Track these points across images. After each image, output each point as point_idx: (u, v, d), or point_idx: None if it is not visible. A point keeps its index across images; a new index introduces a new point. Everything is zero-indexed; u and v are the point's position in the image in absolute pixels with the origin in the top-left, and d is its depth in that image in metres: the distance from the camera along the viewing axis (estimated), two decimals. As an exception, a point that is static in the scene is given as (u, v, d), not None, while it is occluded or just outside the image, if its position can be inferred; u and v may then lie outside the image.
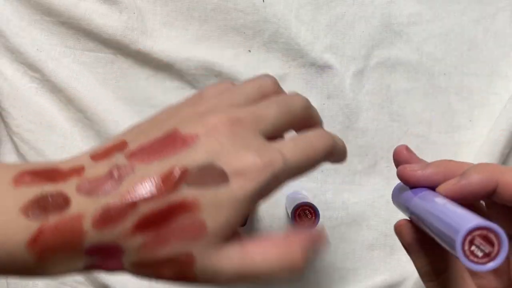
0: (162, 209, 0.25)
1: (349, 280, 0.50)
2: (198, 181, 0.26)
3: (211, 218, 0.25)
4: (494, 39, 0.50)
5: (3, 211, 0.24)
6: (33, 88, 0.50)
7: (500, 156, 0.48)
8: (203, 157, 0.26)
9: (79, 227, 0.24)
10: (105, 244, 0.25)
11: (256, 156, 0.26)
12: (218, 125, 0.27)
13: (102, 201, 0.25)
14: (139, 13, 0.49)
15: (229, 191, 0.26)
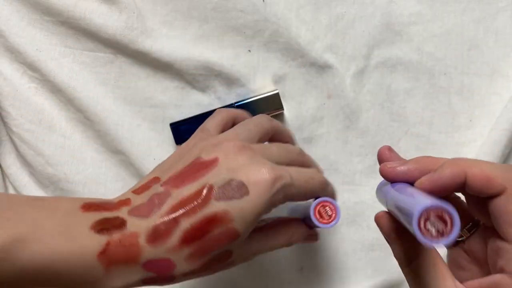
0: (199, 222, 0.31)
1: (350, 280, 0.50)
2: (224, 195, 0.32)
3: (240, 225, 0.32)
4: (494, 39, 0.49)
5: (78, 229, 0.30)
6: (33, 88, 0.50)
7: (501, 156, 0.47)
8: (225, 174, 0.33)
9: (136, 243, 0.30)
10: (159, 259, 0.31)
11: (269, 170, 0.33)
12: (234, 149, 0.34)
13: (151, 221, 0.31)
14: (139, 12, 0.49)
15: (250, 200, 0.32)
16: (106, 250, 0.30)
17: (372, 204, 0.51)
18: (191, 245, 0.31)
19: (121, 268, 0.30)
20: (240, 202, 0.32)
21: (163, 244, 0.31)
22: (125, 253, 0.30)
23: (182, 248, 0.31)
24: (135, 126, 0.50)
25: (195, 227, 0.31)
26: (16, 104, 0.49)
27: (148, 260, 0.31)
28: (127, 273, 0.31)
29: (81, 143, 0.50)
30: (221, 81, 0.50)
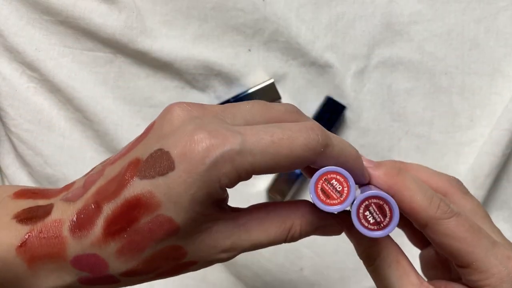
0: (119, 207, 0.25)
1: (350, 280, 0.50)
2: (149, 171, 0.24)
3: (174, 212, 0.24)
4: (495, 39, 0.49)
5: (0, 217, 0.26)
6: (32, 88, 0.50)
7: (501, 156, 0.47)
8: (154, 143, 0.25)
9: (59, 234, 0.25)
10: (86, 255, 0.25)
11: (204, 134, 0.24)
12: (175, 109, 0.26)
13: (76, 206, 0.26)
14: (138, 12, 0.49)
15: (178, 177, 0.24)
16: (26, 242, 0.25)
17: (372, 204, 0.50)
18: (116, 237, 0.25)
19: (47, 265, 0.26)
20: (165, 180, 0.24)
21: (86, 235, 0.25)
22: (47, 246, 0.25)
23: (108, 242, 0.25)
24: (135, 126, 0.50)
25: (117, 214, 0.25)
26: (15, 104, 0.49)
27: (75, 255, 0.25)
28: (56, 272, 0.26)
29: (80, 143, 0.50)
30: (221, 80, 0.50)
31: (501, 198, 0.50)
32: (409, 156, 0.50)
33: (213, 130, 0.24)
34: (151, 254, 0.25)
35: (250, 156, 0.24)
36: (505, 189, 0.50)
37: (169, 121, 0.25)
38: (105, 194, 0.25)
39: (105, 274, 0.26)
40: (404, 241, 0.34)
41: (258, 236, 0.27)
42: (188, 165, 0.24)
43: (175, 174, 0.24)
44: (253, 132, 0.24)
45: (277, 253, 0.50)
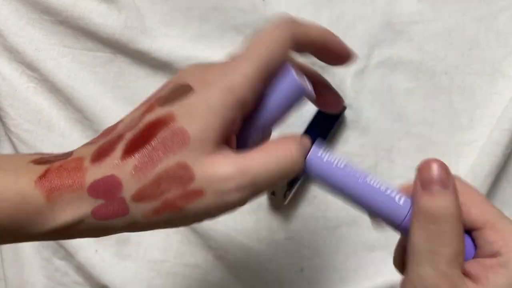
0: (141, 129, 0.27)
1: (350, 281, 0.50)
2: (170, 99, 0.28)
3: (189, 124, 0.27)
4: (496, 39, 0.49)
5: (16, 161, 0.27)
6: (31, 88, 0.50)
7: (502, 156, 0.47)
8: (175, 83, 0.29)
9: (80, 166, 0.27)
10: (103, 178, 0.27)
11: (218, 71, 0.28)
12: (188, 66, 0.30)
13: (98, 144, 0.28)
14: (138, 12, 0.49)
15: (199, 97, 0.27)
16: (46, 175, 0.27)
17: (372, 204, 0.50)
18: (135, 154, 0.27)
19: (65, 195, 0.27)
20: (186, 100, 0.27)
21: (107, 160, 0.27)
22: (67, 176, 0.27)
23: (126, 160, 0.27)
24: (135, 126, 0.50)
25: (137, 135, 0.27)
26: (14, 104, 0.49)
27: (92, 181, 0.27)
28: (73, 202, 0.27)
29: (80, 143, 0.49)
30: None
31: (501, 198, 0.50)
32: (409, 156, 0.50)
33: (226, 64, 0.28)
34: (162, 171, 0.27)
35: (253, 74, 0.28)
36: (505, 189, 0.50)
37: (184, 71, 0.30)
38: (128, 129, 0.28)
39: (118, 197, 0.27)
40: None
41: (263, 160, 0.28)
42: (207, 87, 0.27)
43: (193, 94, 0.27)
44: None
45: (277, 253, 0.50)
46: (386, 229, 0.32)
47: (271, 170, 0.28)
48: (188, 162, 0.27)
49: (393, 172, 0.50)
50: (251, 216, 0.50)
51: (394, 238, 0.50)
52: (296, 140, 0.29)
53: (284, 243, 0.50)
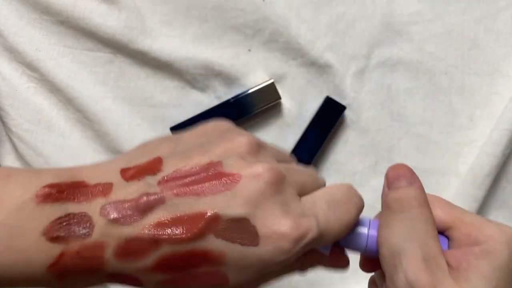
0: (184, 253, 0.24)
1: (350, 280, 0.50)
2: (228, 235, 0.25)
3: (233, 275, 0.25)
4: (495, 39, 0.49)
5: (25, 233, 0.23)
6: (32, 88, 0.50)
7: (501, 156, 0.47)
8: (240, 207, 0.25)
9: (101, 256, 0.24)
10: (126, 275, 0.25)
11: (293, 224, 0.25)
12: (264, 174, 0.25)
13: (126, 231, 0.24)
14: (138, 12, 0.49)
15: (257, 254, 0.25)
16: (59, 262, 0.24)
17: (372, 205, 0.50)
18: (166, 273, 0.25)
19: (79, 278, 0.25)
20: (242, 251, 0.25)
21: (133, 262, 0.24)
22: (84, 266, 0.24)
23: (155, 272, 0.25)
24: (135, 126, 0.50)
25: (177, 256, 0.25)
26: (15, 104, 0.49)
27: (112, 273, 0.25)
28: (86, 281, 0.25)
29: (80, 143, 0.50)
30: (221, 80, 0.50)
31: (501, 198, 0.50)
32: (409, 156, 0.50)
33: (297, 216, 0.25)
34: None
35: (323, 239, 0.27)
36: (504, 189, 0.50)
37: (257, 185, 0.25)
38: (168, 234, 0.24)
39: (138, 284, 0.26)
40: None
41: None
42: (273, 250, 0.25)
43: (256, 249, 0.25)
44: (323, 214, 0.27)
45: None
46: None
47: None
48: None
49: (393, 172, 0.50)
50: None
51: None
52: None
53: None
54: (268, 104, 0.49)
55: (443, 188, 0.50)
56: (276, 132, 0.50)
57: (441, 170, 0.50)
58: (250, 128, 0.50)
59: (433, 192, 0.32)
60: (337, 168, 0.50)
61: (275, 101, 0.49)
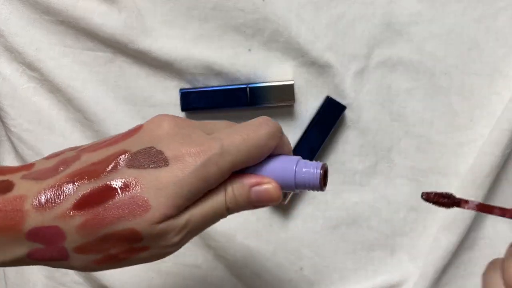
0: (100, 188, 0.27)
1: (350, 280, 0.50)
2: (139, 162, 0.28)
3: (154, 198, 0.27)
4: (495, 39, 0.49)
5: None
6: (32, 88, 0.50)
7: (501, 156, 0.47)
8: (146, 142, 0.28)
9: (20, 208, 0.26)
10: (46, 226, 0.26)
11: (193, 145, 0.28)
12: (163, 118, 0.30)
13: (44, 184, 0.27)
14: (139, 12, 0.49)
15: (170, 172, 0.27)
16: None
17: (372, 205, 0.50)
18: (84, 211, 0.26)
19: (1, 238, 0.26)
20: (156, 174, 0.27)
21: (52, 209, 0.26)
22: (5, 219, 0.26)
23: (74, 216, 0.26)
24: (135, 126, 0.50)
25: (93, 192, 0.27)
26: (15, 104, 0.49)
27: (32, 227, 0.26)
28: (9, 244, 0.27)
29: (80, 143, 0.50)
30: (221, 80, 0.50)
31: (501, 198, 0.50)
32: (409, 156, 0.50)
33: (198, 139, 0.29)
34: (110, 232, 0.27)
35: (229, 156, 0.29)
36: (505, 189, 0.50)
37: (160, 127, 0.29)
38: (83, 175, 0.27)
39: (59, 246, 0.27)
40: None
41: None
42: (181, 165, 0.28)
43: (167, 169, 0.27)
44: (227, 135, 0.29)
45: (277, 253, 0.50)
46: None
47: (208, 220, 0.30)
48: (139, 230, 0.27)
49: (393, 172, 0.50)
50: (251, 216, 0.50)
51: (393, 238, 0.50)
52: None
53: (284, 243, 0.50)
54: (279, 103, 0.49)
55: (443, 188, 0.50)
56: None
57: (441, 170, 0.50)
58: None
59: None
60: (337, 168, 0.50)
61: (287, 103, 0.49)
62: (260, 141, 0.30)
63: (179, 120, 0.30)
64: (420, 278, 0.49)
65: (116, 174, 0.27)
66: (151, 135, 0.29)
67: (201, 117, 0.50)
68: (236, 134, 0.29)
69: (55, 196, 0.27)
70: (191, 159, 0.28)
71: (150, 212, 0.27)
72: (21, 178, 0.27)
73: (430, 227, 0.50)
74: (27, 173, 0.28)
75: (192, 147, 0.28)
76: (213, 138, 0.29)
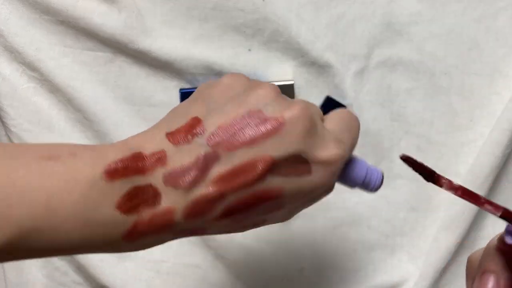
0: (247, 197, 0.27)
1: (350, 280, 0.50)
2: (284, 171, 0.28)
3: (289, 204, 0.29)
4: (495, 39, 0.49)
5: (100, 209, 0.25)
6: (32, 88, 0.50)
7: (501, 156, 0.47)
8: (289, 145, 0.28)
9: (170, 220, 0.27)
10: (192, 229, 0.28)
11: (336, 148, 0.29)
12: (301, 113, 0.28)
13: (191, 195, 0.27)
14: (139, 12, 0.49)
15: (310, 181, 0.29)
16: (133, 231, 0.26)
17: (372, 205, 0.50)
18: (230, 218, 0.28)
19: (149, 239, 0.27)
20: (298, 182, 0.28)
21: (201, 218, 0.27)
22: (155, 230, 0.27)
23: (221, 220, 0.28)
24: (135, 126, 0.50)
25: (242, 202, 0.28)
26: (14, 104, 0.49)
27: (181, 229, 0.28)
28: (155, 240, 0.28)
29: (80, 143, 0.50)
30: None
31: (501, 198, 0.50)
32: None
33: (334, 141, 0.30)
34: (246, 226, 0.30)
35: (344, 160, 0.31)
36: (505, 189, 0.50)
37: (298, 128, 0.28)
38: (231, 184, 0.27)
39: (201, 234, 0.29)
40: None
41: None
42: (323, 174, 0.29)
43: (309, 178, 0.29)
44: (344, 137, 0.31)
45: (277, 253, 0.50)
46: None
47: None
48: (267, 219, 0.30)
49: (393, 172, 0.50)
50: (251, 216, 0.50)
51: (394, 238, 0.50)
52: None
53: (284, 243, 0.50)
54: None
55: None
56: None
57: (441, 170, 0.49)
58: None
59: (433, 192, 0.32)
60: (337, 168, 0.50)
61: None
62: (356, 140, 0.32)
63: (309, 111, 0.29)
64: (420, 278, 0.49)
65: (263, 183, 0.28)
66: (292, 138, 0.28)
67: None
68: (350, 139, 0.31)
69: (204, 208, 0.27)
70: (328, 169, 0.29)
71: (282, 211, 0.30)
72: (164, 183, 0.27)
73: (430, 227, 0.50)
74: (166, 172, 0.27)
75: (334, 154, 0.29)
76: (340, 142, 0.30)
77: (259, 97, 0.29)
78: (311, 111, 0.29)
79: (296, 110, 0.28)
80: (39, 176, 0.25)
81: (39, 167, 0.25)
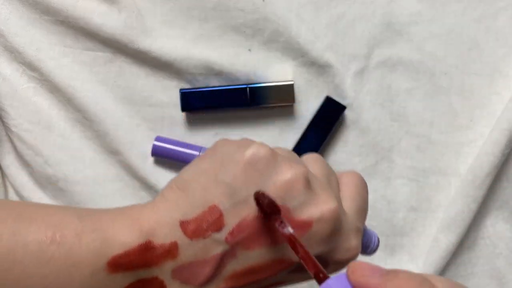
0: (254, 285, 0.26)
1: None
2: (298, 269, 0.26)
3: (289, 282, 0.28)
4: (495, 39, 0.49)
5: None
6: (32, 88, 0.50)
7: (501, 156, 0.47)
8: (314, 250, 0.26)
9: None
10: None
11: (356, 248, 0.29)
12: (329, 215, 0.27)
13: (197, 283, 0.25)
14: (138, 12, 0.49)
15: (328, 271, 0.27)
16: None
17: (372, 205, 0.50)
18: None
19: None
20: (309, 276, 0.25)
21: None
22: None
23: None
24: (135, 126, 0.50)
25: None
26: (15, 104, 0.49)
27: None
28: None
29: (80, 143, 0.50)
30: (221, 80, 0.50)
31: (501, 198, 0.50)
32: (409, 156, 0.50)
33: (357, 234, 0.30)
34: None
35: None
36: (505, 189, 0.50)
37: (326, 231, 0.27)
38: (244, 281, 0.26)
39: None
40: None
41: None
42: (338, 268, 0.29)
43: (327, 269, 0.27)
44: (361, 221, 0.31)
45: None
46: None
47: None
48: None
49: (393, 172, 0.50)
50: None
51: (394, 238, 0.50)
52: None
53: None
54: (279, 103, 0.49)
55: (443, 188, 0.50)
56: (276, 132, 0.50)
57: (441, 170, 0.50)
58: (249, 125, 0.50)
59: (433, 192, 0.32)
60: (337, 168, 0.50)
61: (287, 103, 0.49)
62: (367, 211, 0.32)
63: (336, 212, 0.27)
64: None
65: (274, 278, 0.27)
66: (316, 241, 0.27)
67: (201, 117, 0.50)
68: (365, 215, 0.31)
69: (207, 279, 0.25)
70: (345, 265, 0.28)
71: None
72: (172, 277, 0.25)
73: (430, 227, 0.50)
74: (175, 266, 0.25)
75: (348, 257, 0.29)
76: (359, 232, 0.30)
77: (288, 186, 0.26)
78: (337, 211, 0.27)
79: (326, 210, 0.26)
80: (37, 261, 0.24)
81: (39, 250, 0.24)
